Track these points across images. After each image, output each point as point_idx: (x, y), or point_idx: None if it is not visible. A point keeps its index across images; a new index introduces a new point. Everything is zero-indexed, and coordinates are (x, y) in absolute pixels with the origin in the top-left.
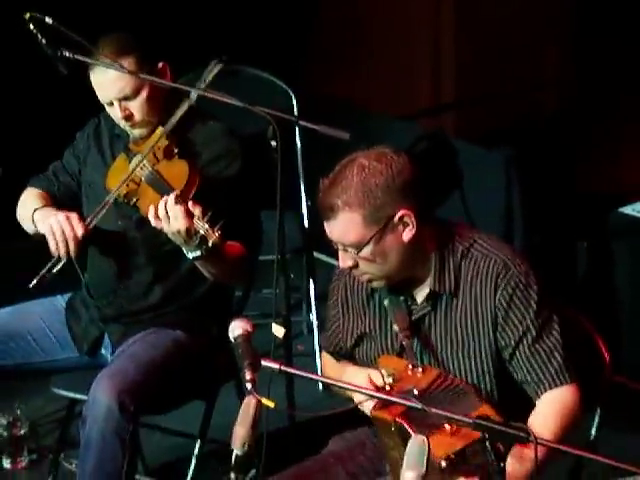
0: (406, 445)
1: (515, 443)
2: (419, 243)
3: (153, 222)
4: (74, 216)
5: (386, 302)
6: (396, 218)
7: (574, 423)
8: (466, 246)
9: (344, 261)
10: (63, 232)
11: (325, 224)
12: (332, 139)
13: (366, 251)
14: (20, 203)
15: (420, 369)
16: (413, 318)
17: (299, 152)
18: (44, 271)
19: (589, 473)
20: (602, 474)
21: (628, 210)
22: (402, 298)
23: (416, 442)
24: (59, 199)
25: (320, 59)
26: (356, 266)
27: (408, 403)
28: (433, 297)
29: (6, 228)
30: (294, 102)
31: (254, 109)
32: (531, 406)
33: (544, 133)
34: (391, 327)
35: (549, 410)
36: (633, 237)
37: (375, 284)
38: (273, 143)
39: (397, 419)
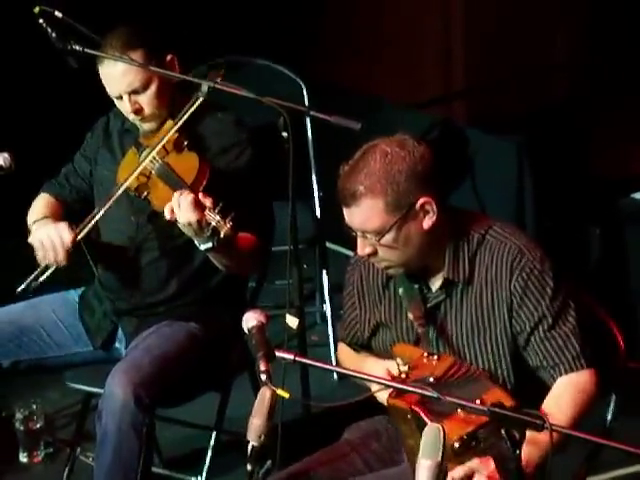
0: (422, 433)
1: (529, 429)
2: (438, 231)
3: (168, 215)
4: (63, 225)
5: (400, 291)
6: (418, 205)
7: (590, 407)
8: (481, 233)
9: (362, 248)
10: (52, 242)
11: (345, 211)
12: (343, 129)
13: (387, 238)
14: (30, 211)
15: (435, 357)
16: (428, 306)
17: (310, 142)
18: (31, 278)
19: (605, 460)
20: (618, 461)
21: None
22: (417, 286)
23: (432, 430)
24: (71, 203)
25: (329, 49)
26: (375, 253)
27: (424, 392)
28: (448, 285)
29: (17, 225)
30: (305, 92)
31: (265, 100)
32: (547, 393)
33: (556, 119)
34: (407, 316)
35: (564, 393)
36: None
37: (392, 271)
38: (284, 134)
39: (413, 407)
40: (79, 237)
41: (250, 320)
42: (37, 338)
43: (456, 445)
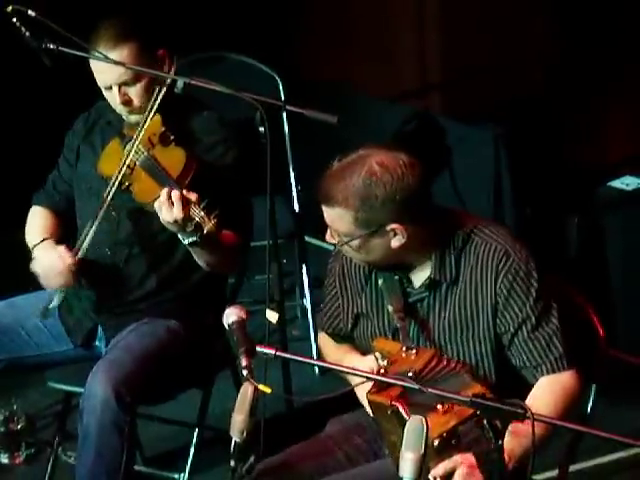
0: (403, 428)
1: (512, 420)
2: (409, 246)
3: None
4: (62, 250)
5: (380, 282)
6: (388, 228)
7: (572, 407)
8: (466, 232)
9: (330, 238)
10: (55, 268)
11: (321, 204)
12: (320, 123)
13: (352, 243)
14: (27, 229)
15: (414, 351)
16: (409, 300)
17: (287, 137)
18: (45, 305)
19: (586, 447)
20: (599, 448)
21: (617, 184)
22: (397, 278)
23: (414, 423)
24: (63, 211)
25: (304, 43)
26: (340, 245)
27: (406, 384)
28: (433, 284)
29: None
30: (280, 87)
31: (241, 95)
32: (529, 390)
33: (532, 108)
34: (387, 308)
35: (546, 393)
36: (623, 211)
37: (358, 262)
38: (261, 129)
39: (393, 402)
40: (79, 256)
41: (230, 316)
42: (16, 337)
43: (436, 442)
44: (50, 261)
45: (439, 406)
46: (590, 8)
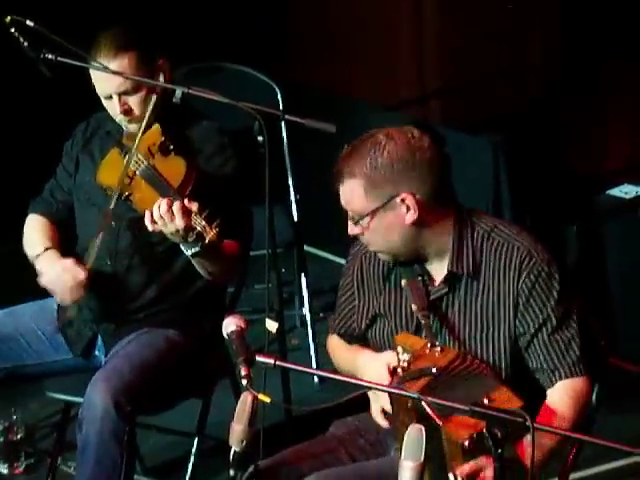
0: (423, 423)
1: (513, 428)
2: (427, 226)
3: (150, 227)
4: (71, 264)
5: (403, 282)
6: (398, 199)
7: (585, 413)
8: (487, 230)
9: (351, 228)
10: (66, 283)
11: (336, 186)
12: (319, 132)
13: (365, 221)
14: (24, 237)
15: (439, 348)
16: (431, 298)
17: (286, 146)
18: (60, 317)
19: (586, 455)
20: (600, 456)
21: (616, 192)
22: (420, 278)
23: (414, 431)
24: (60, 219)
25: (304, 52)
26: (362, 233)
27: (403, 393)
28: (452, 278)
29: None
30: (279, 96)
31: (240, 105)
32: (540, 395)
33: (530, 117)
34: (407, 306)
35: (564, 398)
36: (622, 219)
37: (382, 256)
38: (260, 138)
39: (420, 394)
40: (89, 268)
41: (229, 325)
42: (16, 346)
43: (466, 444)
44: (60, 277)
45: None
46: (589, 18)
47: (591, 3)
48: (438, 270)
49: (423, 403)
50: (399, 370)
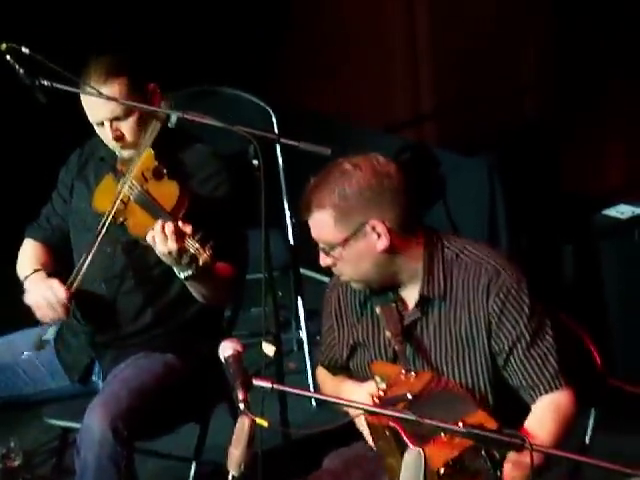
0: (402, 450)
1: (510, 450)
2: (398, 252)
3: (150, 240)
4: (54, 283)
5: (378, 309)
6: (368, 227)
7: (570, 426)
8: (455, 252)
9: (322, 260)
10: (48, 301)
11: (305, 219)
12: (314, 155)
13: (337, 252)
14: (18, 261)
15: (413, 373)
16: (405, 323)
17: (281, 169)
18: (39, 338)
19: (585, 476)
20: (598, 477)
21: (612, 212)
22: (393, 305)
23: (412, 455)
24: (55, 244)
25: (297, 74)
26: (334, 265)
27: (402, 415)
28: (424, 302)
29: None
30: (274, 120)
31: (235, 129)
32: (526, 411)
33: (525, 137)
34: (384, 334)
35: (546, 413)
36: (618, 239)
37: (354, 285)
38: (255, 162)
39: (391, 423)
40: (73, 289)
41: (226, 349)
42: (13, 375)
43: (442, 471)
44: (42, 294)
45: (442, 434)
46: (584, 37)
47: (586, 22)
48: (411, 295)
49: (398, 429)
50: (375, 399)
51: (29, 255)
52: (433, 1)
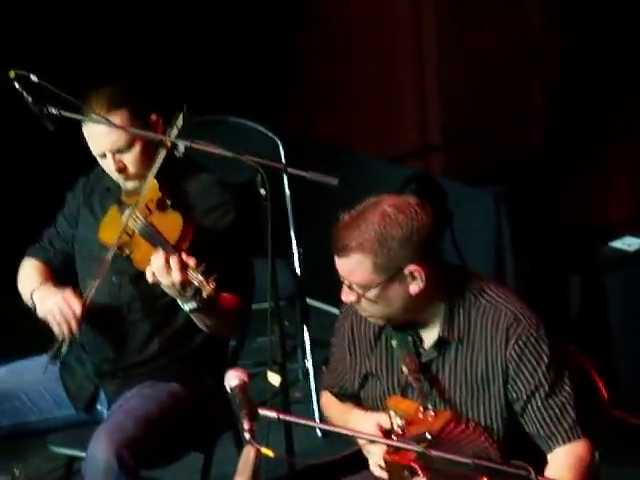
0: None
1: None
2: (426, 295)
3: (150, 279)
4: (70, 294)
5: (394, 343)
6: (406, 271)
7: (589, 477)
8: (475, 294)
9: (346, 295)
10: (62, 313)
11: (336, 258)
12: (321, 185)
13: (370, 294)
14: (19, 278)
15: (432, 412)
16: (422, 361)
17: (288, 199)
18: (53, 352)
19: None
20: None
21: (618, 244)
22: (410, 339)
23: None
24: (57, 266)
25: (304, 103)
26: (358, 302)
27: (408, 446)
28: (442, 343)
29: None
30: (281, 149)
31: (242, 158)
32: (540, 455)
33: (532, 168)
34: (397, 367)
35: (565, 465)
36: (625, 271)
37: (373, 320)
38: (262, 191)
39: (411, 463)
40: (87, 303)
41: (232, 379)
42: (19, 404)
43: None
44: (58, 305)
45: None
46: (590, 69)
47: (594, 52)
48: (429, 334)
49: (417, 468)
50: (393, 437)
51: (31, 272)
52: (441, 32)
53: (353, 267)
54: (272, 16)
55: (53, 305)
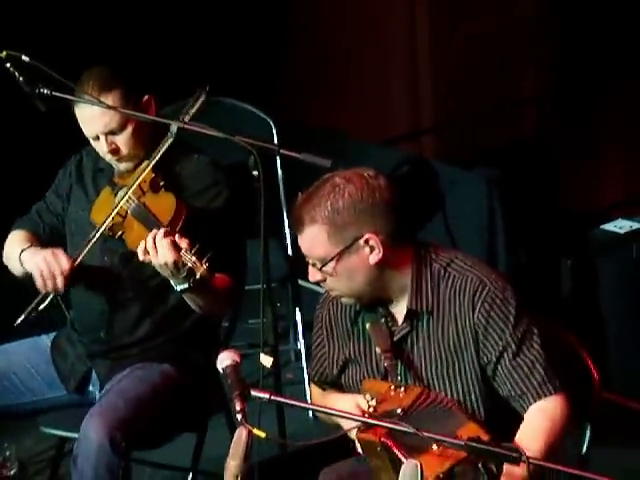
0: (395, 465)
1: (507, 462)
2: (389, 265)
3: (141, 257)
4: (60, 252)
5: (368, 325)
6: (362, 240)
7: (563, 433)
8: (443, 265)
9: (313, 275)
10: (49, 267)
11: (298, 238)
12: (314, 167)
13: (330, 267)
14: (6, 244)
15: (402, 389)
16: (395, 339)
17: (281, 181)
18: (30, 308)
19: None
20: None
21: (610, 227)
22: (383, 320)
23: (409, 467)
24: (45, 239)
25: (297, 87)
26: (324, 280)
27: (401, 428)
28: (412, 316)
29: None
30: (274, 131)
31: (235, 139)
32: (518, 422)
33: (524, 152)
34: (375, 351)
35: (536, 422)
36: (617, 254)
37: (345, 300)
38: (255, 173)
39: (382, 439)
40: (76, 263)
41: (224, 360)
42: (9, 385)
43: None
44: (45, 259)
45: (434, 446)
46: (581, 53)
47: (587, 39)
48: (400, 310)
49: (389, 443)
50: (366, 416)
51: (19, 239)
52: (434, 16)
53: (310, 241)
54: (266, 1)
55: (41, 259)
